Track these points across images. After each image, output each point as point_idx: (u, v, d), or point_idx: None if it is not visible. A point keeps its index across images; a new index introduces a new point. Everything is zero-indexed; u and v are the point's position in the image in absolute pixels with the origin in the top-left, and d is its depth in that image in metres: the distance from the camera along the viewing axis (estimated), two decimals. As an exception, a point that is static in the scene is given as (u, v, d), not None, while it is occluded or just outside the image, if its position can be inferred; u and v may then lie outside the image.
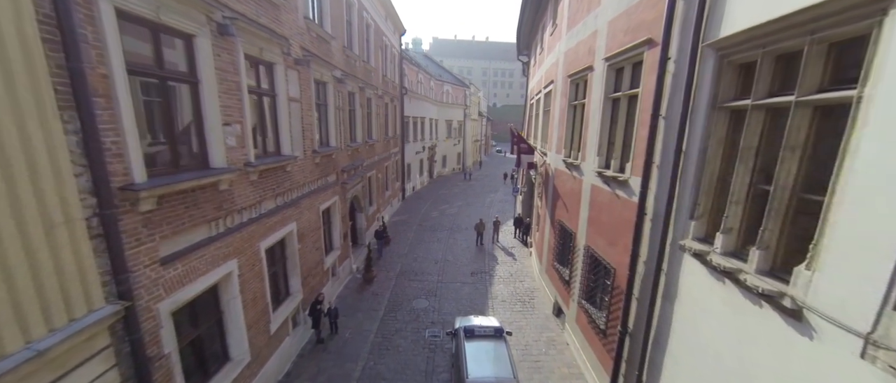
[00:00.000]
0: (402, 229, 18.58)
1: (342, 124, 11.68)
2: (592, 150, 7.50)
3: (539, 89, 14.28)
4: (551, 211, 10.89)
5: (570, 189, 9.15)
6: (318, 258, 9.82)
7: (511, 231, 18.23)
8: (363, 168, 14.70)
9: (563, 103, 9.85)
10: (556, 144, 10.55)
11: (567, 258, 9.48)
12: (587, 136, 7.92)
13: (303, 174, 8.56)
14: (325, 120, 10.49)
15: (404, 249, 15.74)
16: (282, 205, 7.52)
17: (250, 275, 6.39)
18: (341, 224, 11.71)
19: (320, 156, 9.57)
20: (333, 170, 10.92)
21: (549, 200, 11.26)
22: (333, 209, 11.14)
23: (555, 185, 10.59)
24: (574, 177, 8.79)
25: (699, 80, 4.17)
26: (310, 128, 8.90)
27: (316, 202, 9.54)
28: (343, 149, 11.83)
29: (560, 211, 9.95)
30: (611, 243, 6.66)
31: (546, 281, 11.33)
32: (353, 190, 13.00)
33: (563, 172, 9.66)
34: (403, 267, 13.88)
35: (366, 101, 14.87)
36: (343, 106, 11.78)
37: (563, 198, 9.77)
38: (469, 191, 29.52)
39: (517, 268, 13.88)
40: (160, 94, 4.51)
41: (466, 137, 42.05)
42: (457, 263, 14.31)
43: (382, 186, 18.89)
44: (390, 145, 20.62)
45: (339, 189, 11.47)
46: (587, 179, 7.89)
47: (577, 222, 8.52)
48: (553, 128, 10.98)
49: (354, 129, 13.67)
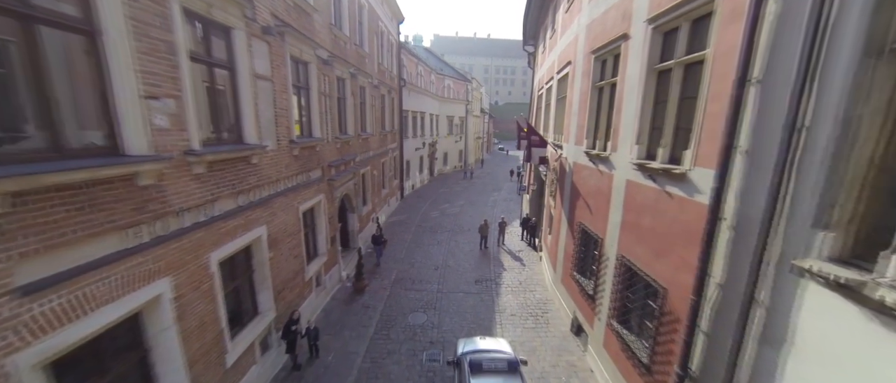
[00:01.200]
0: (400, 231, 17.16)
1: (329, 113, 10.25)
2: (628, 138, 6.06)
3: (550, 76, 12.82)
4: (568, 211, 9.45)
5: (594, 186, 7.71)
6: (298, 267, 8.40)
7: (517, 232, 16.80)
8: (355, 164, 13.28)
9: (584, 86, 8.39)
10: (573, 134, 9.11)
11: (590, 268, 8.04)
12: (619, 122, 6.48)
13: (276, 168, 7.14)
14: (308, 106, 9.06)
15: (401, 253, 14.32)
16: (245, 206, 6.10)
17: (195, 295, 4.97)
18: (328, 226, 10.30)
19: (300, 148, 8.14)
20: (318, 164, 9.49)
21: (565, 199, 9.82)
22: (318, 209, 9.72)
23: (573, 182, 9.14)
24: (600, 172, 7.35)
25: (837, 17, 2.72)
26: (285, 113, 7.48)
27: (294, 201, 8.12)
28: (330, 142, 10.40)
29: (581, 212, 8.51)
30: (658, 254, 5.22)
31: (562, 292, 9.90)
32: (342, 187, 11.58)
33: (585, 166, 8.21)
34: (400, 273, 12.46)
35: (358, 90, 13.44)
36: (330, 92, 10.35)
37: (584, 196, 8.33)
38: (471, 189, 28.09)
39: (526, 275, 12.44)
40: (26, 43, 3.07)
41: (468, 134, 40.57)
42: (459, 269, 12.88)
43: (378, 184, 17.47)
44: (387, 140, 19.19)
45: (325, 186, 10.05)
46: (620, 174, 6.44)
47: (604, 226, 7.08)
48: (570, 117, 9.53)
49: (344, 120, 12.24)
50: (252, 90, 6.16)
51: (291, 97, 7.75)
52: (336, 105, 10.93)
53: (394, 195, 21.33)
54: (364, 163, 14.69)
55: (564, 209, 9.83)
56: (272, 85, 6.96)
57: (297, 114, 8.59)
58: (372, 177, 16.19)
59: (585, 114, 8.18)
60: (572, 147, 9.25)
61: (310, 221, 9.50)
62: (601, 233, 7.26)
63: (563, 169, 10.28)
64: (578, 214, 8.67)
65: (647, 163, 5.44)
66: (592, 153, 7.63)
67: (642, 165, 5.56)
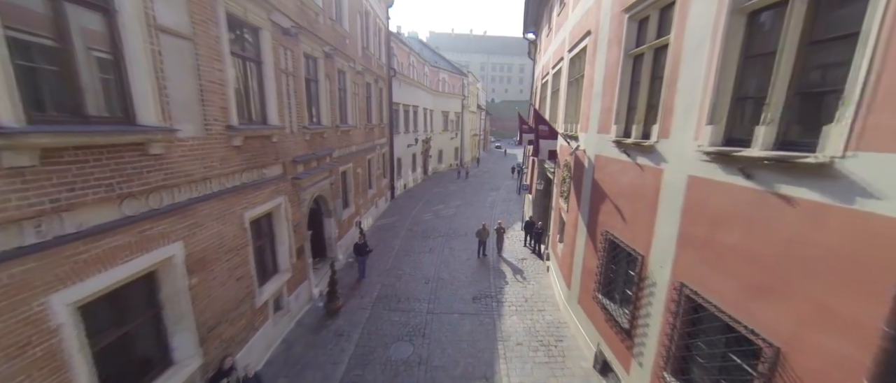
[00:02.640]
0: (388, 236, 15.26)
1: (293, 97, 8.34)
2: (692, 118, 4.23)
3: (559, 58, 10.98)
4: (588, 217, 7.62)
5: (629, 185, 5.88)
6: (243, 292, 6.49)
7: (519, 236, 14.98)
8: (332, 159, 11.37)
9: (611, 57, 6.56)
10: (595, 121, 7.27)
11: (623, 291, 6.22)
12: (673, 97, 4.65)
13: (201, 162, 5.23)
14: (261, 85, 7.15)
15: (387, 263, 12.43)
16: (139, 216, 4.20)
17: (25, 364, 3.07)
18: (292, 235, 8.39)
19: (244, 137, 6.24)
20: (276, 159, 7.59)
21: (582, 201, 7.98)
22: (277, 215, 7.81)
23: (595, 180, 7.31)
24: (640, 167, 5.51)
25: None
26: (218, 89, 5.57)
27: (236, 206, 6.21)
28: (296, 133, 8.49)
29: (607, 218, 6.68)
30: (761, 293, 3.38)
31: (580, 316, 8.06)
32: (314, 188, 9.68)
33: (614, 160, 6.38)
34: (384, 288, 10.57)
35: (336, 74, 11.52)
36: (295, 71, 8.44)
37: (612, 198, 6.49)
38: (467, 189, 26.23)
39: (532, 289, 10.60)
40: None
41: (464, 131, 38.74)
42: (454, 283, 11.01)
43: (363, 184, 15.56)
44: (375, 135, 17.28)
45: (288, 186, 8.14)
46: (677, 169, 4.60)
47: (647, 239, 5.25)
48: (589, 100, 7.69)
49: (317, 108, 10.33)
50: (148, 47, 4.24)
51: (229, 69, 5.83)
52: (304, 88, 9.01)
53: (383, 196, 19.42)
54: (344, 160, 12.78)
55: (582, 213, 8.00)
56: (193, 46, 5.04)
57: (244, 93, 6.69)
58: (355, 175, 14.28)
59: (614, 92, 6.35)
60: (593, 137, 7.41)
61: (264, 231, 7.59)
62: (642, 249, 5.42)
63: (578, 164, 8.45)
64: (603, 221, 6.83)
65: (733, 151, 3.61)
66: (627, 142, 5.80)
67: (723, 154, 3.73)
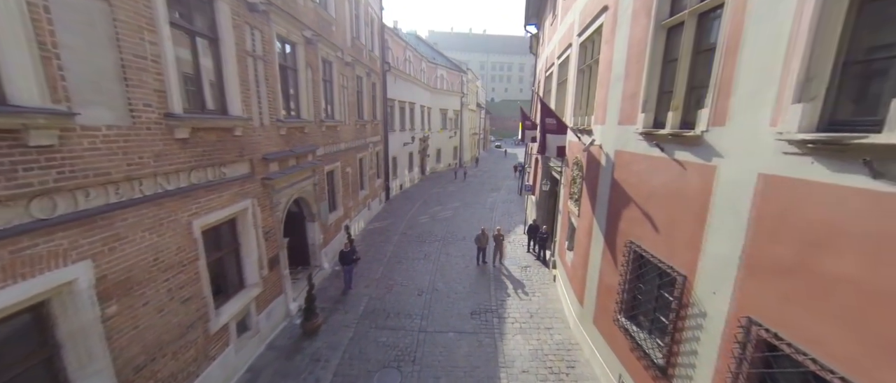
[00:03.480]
0: (380, 240, 14.14)
1: (264, 85, 7.22)
2: (764, 94, 3.12)
3: (567, 44, 9.86)
4: (606, 223, 6.50)
5: (665, 187, 4.76)
6: (192, 316, 5.36)
7: (521, 241, 13.85)
8: (315, 157, 10.25)
9: (636, 32, 5.44)
10: (615, 110, 6.16)
11: (656, 317, 5.10)
12: (732, 70, 3.53)
13: (119, 157, 4.10)
14: (218, 66, 6.03)
15: (378, 271, 11.30)
16: (8, 230, 3.08)
17: None
18: (263, 244, 7.26)
19: (190, 128, 5.11)
20: (240, 155, 6.47)
21: (598, 205, 6.86)
22: (242, 221, 6.69)
23: (615, 180, 6.19)
24: (679, 164, 4.40)
25: None
26: (148, 67, 4.44)
27: (181, 212, 5.08)
28: (267, 126, 7.38)
29: (632, 226, 5.55)
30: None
31: (596, 338, 6.94)
32: (292, 188, 8.56)
33: (642, 157, 5.26)
34: (372, 302, 9.44)
35: (319, 63, 10.39)
36: (266, 56, 7.32)
37: (639, 202, 5.37)
38: (466, 189, 25.10)
39: (538, 303, 9.48)
40: None
41: (464, 129, 37.61)
42: (450, 295, 9.89)
43: (354, 184, 14.43)
44: (367, 132, 16.16)
45: (256, 188, 7.02)
46: (739, 165, 3.48)
47: (692, 256, 4.13)
48: (607, 86, 6.57)
49: (296, 99, 9.21)
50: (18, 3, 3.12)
51: (167, 43, 4.70)
52: (278, 76, 7.88)
53: (376, 197, 18.29)
54: (331, 158, 11.66)
55: (597, 219, 6.88)
56: (109, 8, 3.92)
57: (195, 76, 5.56)
58: (344, 175, 13.16)
59: (641, 75, 5.23)
60: (612, 130, 6.29)
61: (226, 240, 6.47)
62: (683, 268, 4.30)
63: (592, 162, 7.33)
64: (626, 229, 5.71)
65: (845, 137, 2.49)
66: (660, 134, 4.68)
67: (824, 144, 2.61)
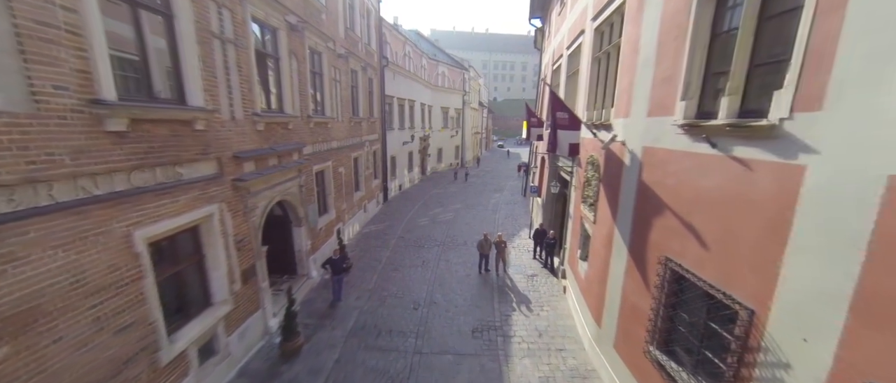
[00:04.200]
0: (375, 245, 13.20)
1: (236, 73, 6.30)
2: None
3: (579, 30, 8.87)
4: (631, 233, 5.52)
5: (718, 191, 3.77)
6: (133, 347, 4.42)
7: (526, 245, 12.88)
8: (302, 156, 9.33)
9: (672, 3, 4.47)
10: (643, 100, 5.19)
11: (706, 356, 4.12)
12: (830, 34, 2.57)
13: (13, 155, 3.19)
14: (172, 48, 5.11)
15: (371, 280, 10.36)
16: None
17: None
18: (234, 255, 6.33)
19: (129, 119, 4.19)
20: (204, 153, 5.54)
21: (621, 211, 5.89)
22: (207, 230, 5.76)
23: (643, 183, 5.21)
24: (741, 163, 3.42)
25: None
26: (59, 39, 3.52)
27: (116, 222, 4.15)
28: (240, 120, 6.46)
29: (669, 238, 4.57)
30: None
31: (617, 366, 5.95)
32: (272, 191, 7.63)
33: (683, 154, 4.28)
34: (362, 316, 8.50)
35: (307, 53, 9.46)
36: (239, 41, 6.40)
37: (681, 210, 4.38)
38: (468, 190, 24.13)
39: (547, 318, 8.50)
40: None
41: (465, 128, 36.65)
42: (449, 309, 8.93)
43: (348, 185, 13.50)
44: (363, 130, 15.24)
45: (226, 190, 6.10)
46: (846, 165, 2.50)
47: (765, 284, 3.14)
48: (632, 73, 5.60)
49: (279, 91, 8.29)
50: None
51: (94, 14, 3.77)
52: (255, 64, 6.95)
53: (373, 198, 17.37)
54: (321, 157, 10.74)
55: (620, 228, 5.90)
56: (-3, -40, 3.01)
57: (141, 57, 4.63)
58: (336, 175, 12.23)
59: (680, 54, 4.25)
60: (639, 123, 5.31)
61: (185, 252, 5.53)
62: (749, 298, 3.32)
63: (612, 161, 6.35)
64: (660, 242, 4.73)
65: None
66: (710, 126, 3.70)
67: None
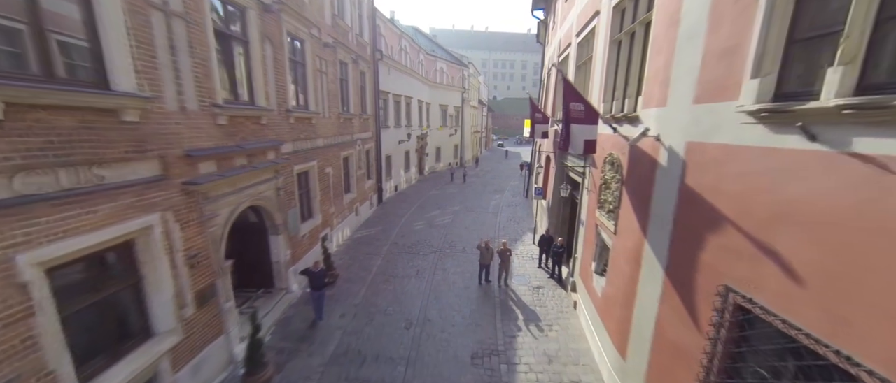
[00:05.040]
0: (366, 252, 12.11)
1: (186, 54, 5.21)
2: None
3: (593, 11, 7.79)
4: (671, 250, 4.44)
5: (822, 203, 2.67)
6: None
7: (530, 252, 11.81)
8: (280, 155, 8.24)
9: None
10: (687, 83, 4.10)
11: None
12: None
13: None
14: (91, 17, 4.01)
15: (358, 294, 9.27)
16: None
17: None
18: (184, 273, 5.24)
19: (3, 103, 3.11)
20: (139, 151, 4.45)
21: (656, 222, 4.80)
22: (144, 246, 4.65)
23: (688, 188, 4.12)
24: (869, 166, 2.34)
25: None
26: None
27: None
28: (194, 112, 5.36)
29: (736, 264, 3.47)
30: None
31: (647, 409, 4.88)
32: (239, 195, 6.54)
33: (758, 152, 3.16)
34: (346, 339, 7.41)
35: (284, 38, 8.37)
36: (191, 16, 5.30)
37: (753, 228, 3.25)
38: (467, 191, 23.03)
39: (558, 340, 7.42)
40: None
41: (465, 127, 35.56)
42: (446, 329, 7.85)
43: (337, 187, 12.40)
44: (355, 127, 14.14)
45: (173, 195, 5.00)
46: None
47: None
48: (669, 50, 4.51)
49: (250, 80, 7.20)
50: None
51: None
52: (213, 45, 5.85)
53: (366, 200, 16.28)
54: (304, 156, 9.65)
55: (653, 243, 4.81)
56: None
57: (32, 23, 3.54)
58: (323, 176, 11.15)
59: (751, 14, 3.16)
60: (683, 111, 4.22)
61: (113, 275, 4.44)
62: (878, 363, 2.25)
63: (640, 161, 5.27)
64: (720, 265, 3.63)
65: None
66: (812, 109, 2.61)
67: None
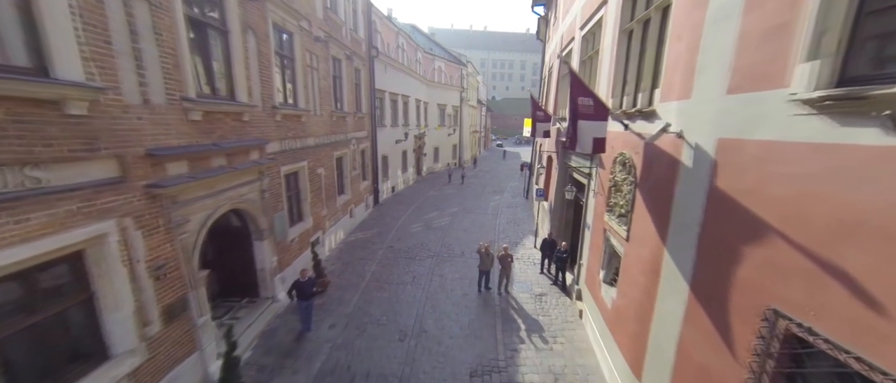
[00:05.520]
0: (360, 257, 11.54)
1: (148, 40, 4.65)
2: None
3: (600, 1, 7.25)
4: (698, 262, 3.88)
5: None
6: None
7: (531, 256, 11.26)
8: (264, 155, 7.68)
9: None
10: (718, 69, 3.56)
11: None
12: None
13: None
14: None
15: (351, 301, 8.70)
16: None
17: None
18: (149, 287, 4.67)
19: None
20: (90, 149, 3.88)
21: (677, 230, 4.25)
22: (98, 257, 4.08)
23: (719, 191, 3.55)
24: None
25: None
26: None
27: None
28: (158, 106, 4.80)
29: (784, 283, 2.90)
30: None
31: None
32: (216, 198, 5.98)
33: (816, 149, 2.61)
34: (335, 353, 6.84)
35: (269, 30, 7.81)
36: (162, 0, 4.75)
37: (808, 241, 2.68)
38: (466, 191, 22.48)
39: (564, 355, 6.87)
40: None
41: (463, 126, 35.01)
42: (443, 341, 7.29)
43: (329, 188, 11.83)
44: (349, 126, 13.58)
45: (134, 200, 4.44)
46: None
47: None
48: (690, 35, 3.97)
49: (230, 73, 6.63)
50: None
51: None
52: (184, 30, 5.28)
53: (361, 202, 15.71)
54: (292, 156, 9.08)
55: (674, 253, 4.26)
56: None
57: None
58: (314, 177, 10.58)
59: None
60: (712, 102, 3.68)
61: (60, 292, 3.87)
62: None
63: (657, 160, 4.73)
64: (762, 283, 3.08)
65: None
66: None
67: None
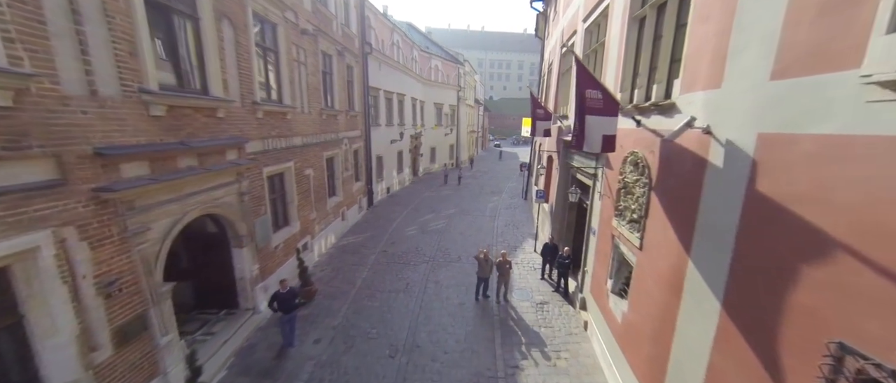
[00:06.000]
0: (352, 262, 10.94)
1: (97, 23, 4.05)
2: None
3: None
4: (728, 277, 3.32)
5: None
6: None
7: (531, 261, 10.70)
8: (243, 155, 7.08)
9: None
10: (751, 56, 3.01)
11: None
12: None
13: None
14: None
15: (339, 311, 8.10)
16: None
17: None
18: (94, 307, 4.08)
19: None
20: (15, 146, 3.28)
21: (705, 240, 3.69)
22: (28, 276, 3.46)
23: (759, 197, 3.00)
24: None
25: None
26: None
27: None
28: (109, 99, 4.20)
29: (854, 311, 2.37)
30: None
31: None
32: (183, 202, 5.38)
33: None
34: (319, 372, 6.23)
35: (248, 20, 7.21)
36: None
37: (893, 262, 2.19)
38: (463, 193, 21.90)
39: (568, 372, 6.28)
40: None
41: (461, 126, 34.44)
42: (437, 357, 6.70)
43: (319, 190, 11.23)
44: (340, 125, 12.98)
45: (78, 207, 3.83)
46: None
47: None
48: (720, 16, 3.43)
49: (202, 65, 6.03)
50: None
51: None
52: (145, 16, 4.69)
53: (354, 204, 15.10)
54: (277, 156, 8.48)
55: (701, 267, 3.70)
56: None
57: None
58: (301, 179, 9.98)
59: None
60: (749, 93, 3.12)
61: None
62: None
63: (676, 159, 4.17)
64: (819, 309, 2.50)
65: None
66: None
67: None
